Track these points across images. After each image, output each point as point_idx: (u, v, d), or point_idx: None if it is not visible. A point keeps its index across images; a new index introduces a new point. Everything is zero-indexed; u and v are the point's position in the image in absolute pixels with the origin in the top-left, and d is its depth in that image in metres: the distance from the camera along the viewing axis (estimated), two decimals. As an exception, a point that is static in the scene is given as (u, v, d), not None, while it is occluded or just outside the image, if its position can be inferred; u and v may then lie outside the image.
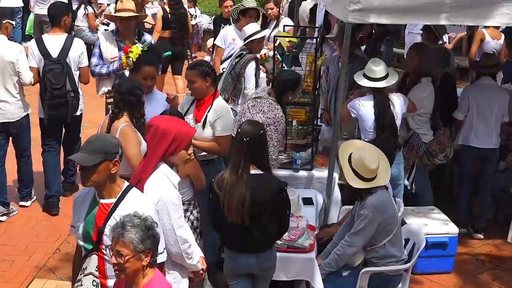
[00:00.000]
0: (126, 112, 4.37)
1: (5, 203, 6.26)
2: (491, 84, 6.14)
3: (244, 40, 6.19)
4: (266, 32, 6.49)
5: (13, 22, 6.83)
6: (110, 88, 5.78)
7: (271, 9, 8.23)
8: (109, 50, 5.92)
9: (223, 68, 6.71)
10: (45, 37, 6.28)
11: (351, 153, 4.42)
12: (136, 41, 5.85)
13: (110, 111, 4.49)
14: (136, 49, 5.26)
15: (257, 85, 6.05)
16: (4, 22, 6.09)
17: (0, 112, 6.05)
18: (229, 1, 8.78)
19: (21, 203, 6.47)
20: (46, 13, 8.94)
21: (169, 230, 3.48)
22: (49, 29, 7.09)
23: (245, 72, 6.03)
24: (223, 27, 7.78)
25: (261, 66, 6.59)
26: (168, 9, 9.06)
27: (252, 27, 6.22)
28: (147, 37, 6.10)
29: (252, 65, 6.04)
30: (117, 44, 5.92)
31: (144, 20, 8.65)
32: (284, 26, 7.67)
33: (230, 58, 6.45)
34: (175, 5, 9.08)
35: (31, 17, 11.79)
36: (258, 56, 6.35)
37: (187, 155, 3.62)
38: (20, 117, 6.16)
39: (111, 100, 5.09)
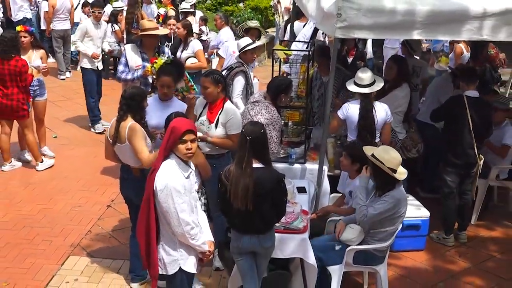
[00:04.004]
0: (130, 115, 4.57)
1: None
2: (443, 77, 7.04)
3: (239, 51, 6.32)
4: (259, 43, 6.59)
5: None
6: None
7: (178, 28, 7.95)
8: (134, 59, 6.25)
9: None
10: None
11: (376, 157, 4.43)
12: (156, 53, 6.20)
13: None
14: (160, 61, 5.69)
15: (247, 93, 6.17)
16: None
17: (99, 61, 8.76)
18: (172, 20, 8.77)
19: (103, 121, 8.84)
20: (65, 27, 10.83)
21: (173, 213, 3.60)
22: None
23: (233, 83, 6.13)
24: (166, 45, 8.01)
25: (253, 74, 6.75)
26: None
27: (245, 40, 6.37)
28: (165, 50, 6.39)
29: (238, 77, 6.15)
30: (140, 55, 6.28)
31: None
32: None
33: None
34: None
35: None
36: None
37: (184, 150, 3.66)
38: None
39: None
